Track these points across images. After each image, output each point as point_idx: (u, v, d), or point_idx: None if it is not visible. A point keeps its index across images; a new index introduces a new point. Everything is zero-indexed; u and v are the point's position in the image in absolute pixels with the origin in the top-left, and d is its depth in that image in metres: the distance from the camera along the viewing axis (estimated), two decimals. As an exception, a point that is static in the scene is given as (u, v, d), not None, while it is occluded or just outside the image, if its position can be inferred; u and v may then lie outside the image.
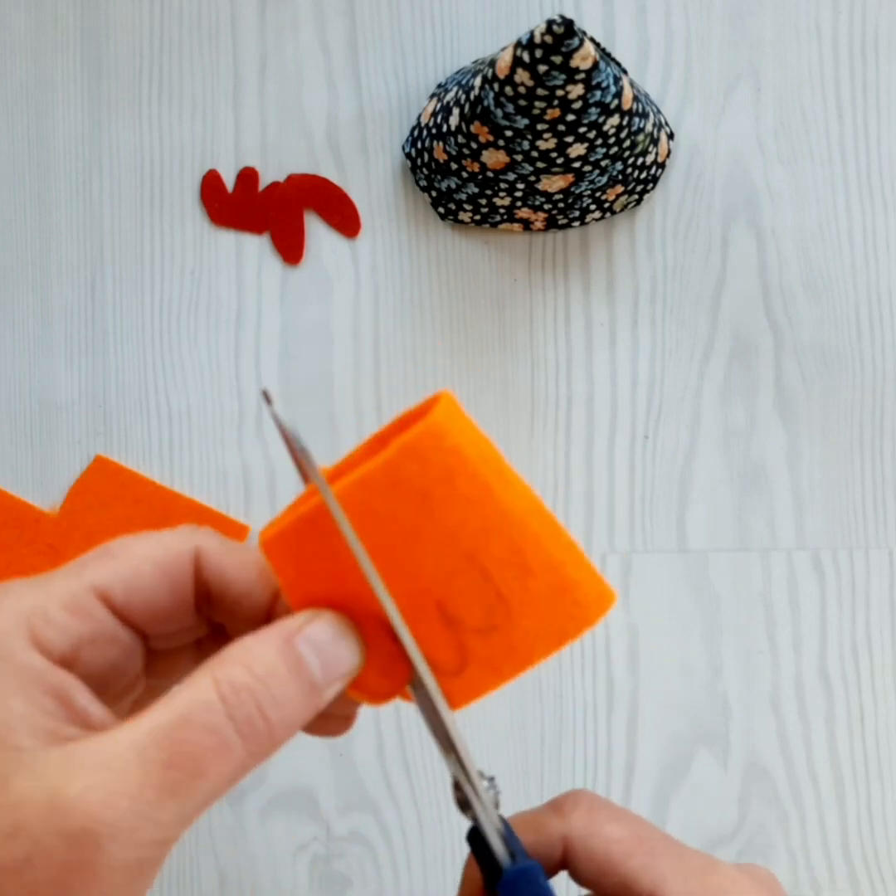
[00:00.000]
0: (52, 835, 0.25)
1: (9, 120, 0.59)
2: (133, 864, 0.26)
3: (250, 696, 0.27)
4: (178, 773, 0.26)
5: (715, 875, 0.32)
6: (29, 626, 0.28)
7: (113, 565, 0.29)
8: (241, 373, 0.59)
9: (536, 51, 0.48)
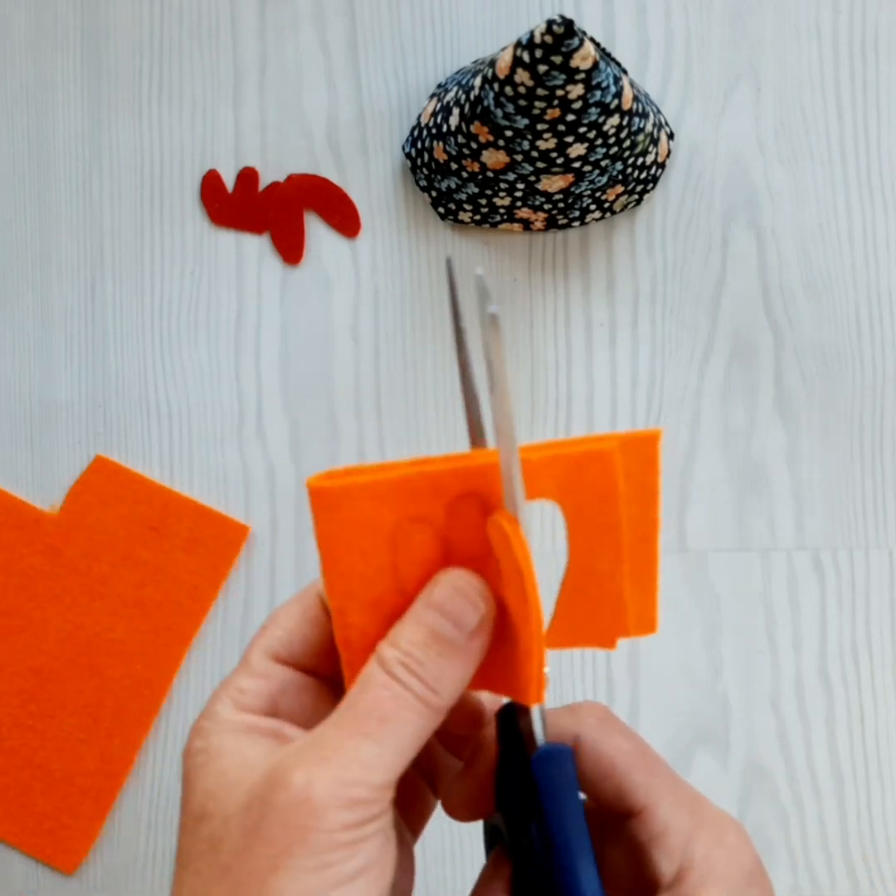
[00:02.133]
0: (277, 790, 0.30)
1: (9, 120, 0.59)
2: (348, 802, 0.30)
3: (402, 665, 0.31)
4: (367, 720, 0.31)
5: (703, 808, 0.34)
6: (231, 701, 0.33)
7: (269, 632, 0.35)
8: (241, 373, 0.59)
9: (536, 51, 0.48)
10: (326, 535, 0.32)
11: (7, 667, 0.58)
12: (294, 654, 0.34)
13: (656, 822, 0.33)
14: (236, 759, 0.32)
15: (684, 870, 0.33)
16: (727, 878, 0.33)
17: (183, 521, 0.58)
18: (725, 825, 0.34)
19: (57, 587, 0.58)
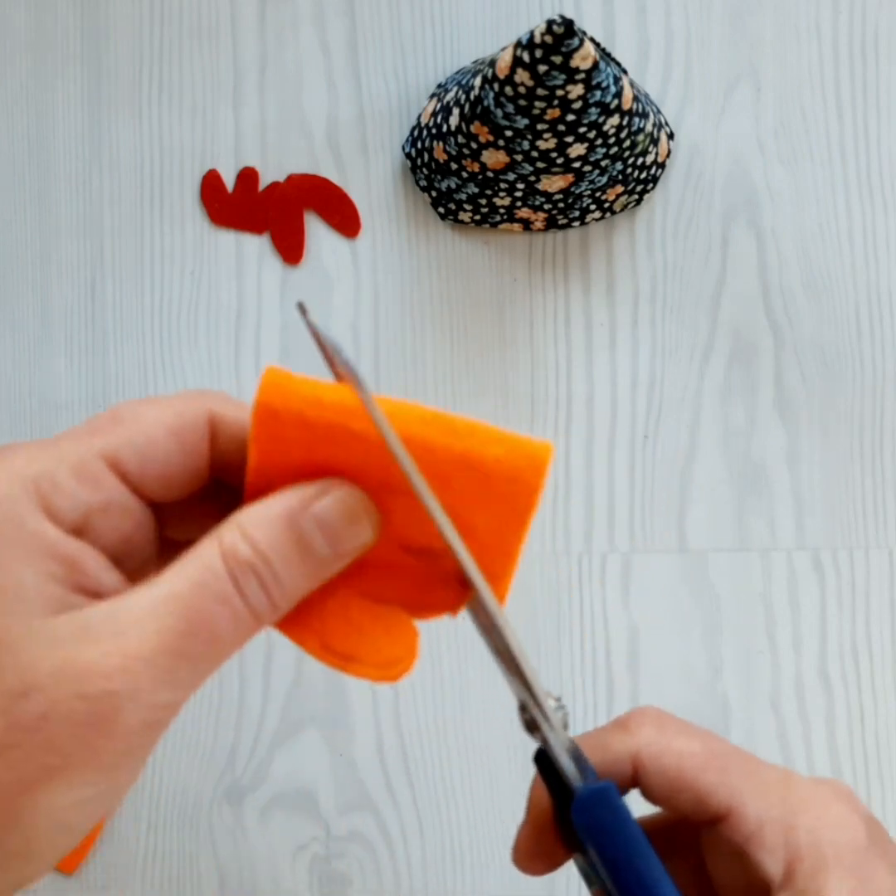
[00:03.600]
0: (70, 696, 0.25)
1: (9, 120, 0.59)
2: (148, 723, 0.26)
3: (254, 574, 0.27)
4: (193, 640, 0.26)
5: (794, 789, 0.31)
6: (38, 492, 0.27)
7: (124, 432, 0.29)
8: (241, 373, 0.59)
9: (536, 51, 0.48)
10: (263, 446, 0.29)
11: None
12: (142, 472, 0.28)
13: (747, 820, 0.30)
14: (14, 598, 0.26)
15: (793, 863, 0.29)
16: (841, 860, 0.29)
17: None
18: (826, 798, 0.31)
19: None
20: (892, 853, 0.30)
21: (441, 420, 0.29)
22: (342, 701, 0.58)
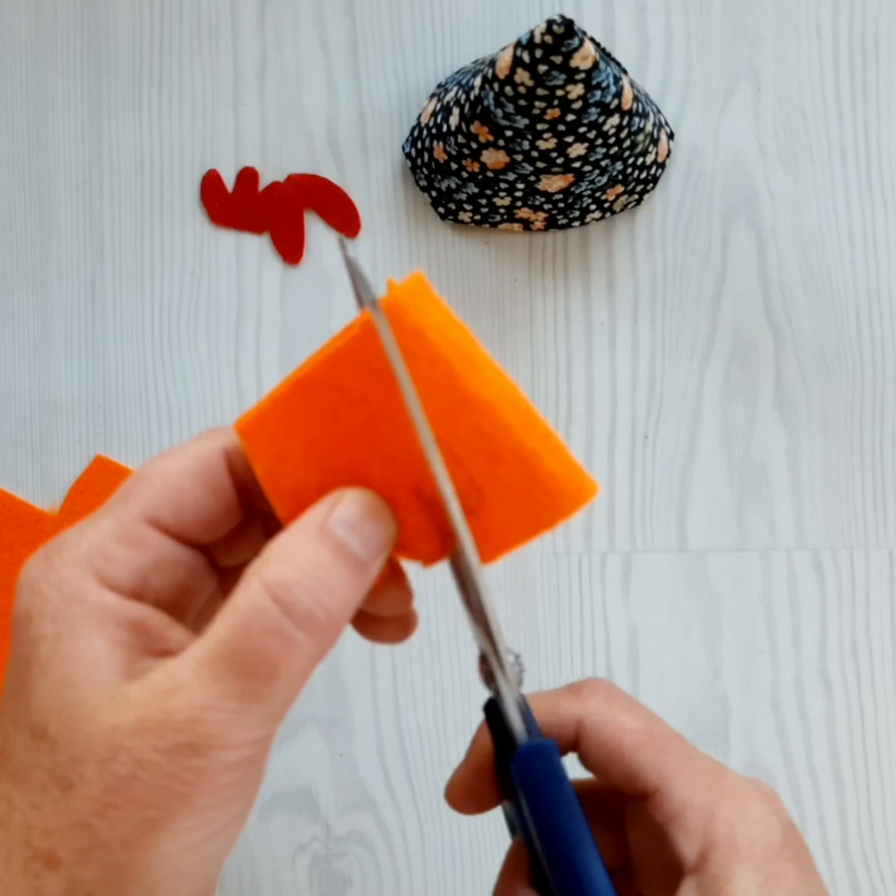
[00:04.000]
0: (151, 751, 0.26)
1: (9, 120, 0.59)
2: (234, 764, 0.27)
3: (303, 590, 0.27)
4: (254, 681, 0.27)
5: (723, 780, 0.32)
6: (92, 568, 0.28)
7: (153, 490, 0.29)
8: (241, 373, 0.59)
9: (536, 51, 0.48)
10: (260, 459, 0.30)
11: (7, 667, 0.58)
12: (180, 522, 0.30)
13: (672, 801, 0.32)
14: (88, 668, 0.27)
15: (707, 850, 0.31)
16: (755, 854, 0.31)
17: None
18: (749, 796, 0.32)
19: (57, 587, 0.58)
20: (802, 859, 0.32)
21: (528, 412, 0.29)
22: (342, 701, 0.58)
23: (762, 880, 0.30)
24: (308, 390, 0.30)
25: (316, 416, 0.30)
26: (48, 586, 0.28)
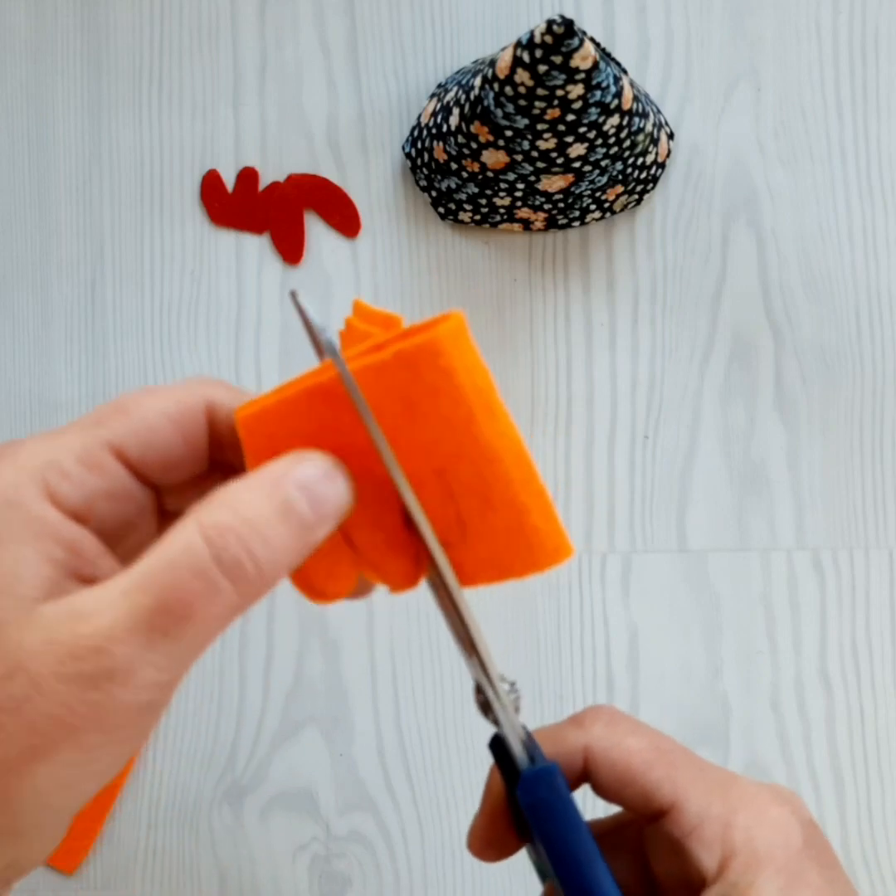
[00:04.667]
0: (50, 676, 0.26)
1: (9, 120, 0.59)
2: (132, 704, 0.26)
3: (237, 538, 0.27)
4: (166, 617, 0.26)
5: (736, 788, 0.32)
6: (43, 479, 0.28)
7: (127, 422, 0.29)
8: (241, 373, 0.59)
9: (536, 51, 0.48)
10: (253, 452, 0.30)
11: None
12: (144, 459, 0.29)
13: (688, 815, 0.32)
14: (10, 578, 0.26)
15: (727, 858, 0.31)
16: (775, 858, 0.31)
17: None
18: (765, 801, 0.32)
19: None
20: (826, 857, 0.32)
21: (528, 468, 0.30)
22: (342, 701, 0.58)
23: (783, 883, 0.30)
24: (313, 400, 0.30)
25: (316, 426, 0.30)
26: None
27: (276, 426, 0.30)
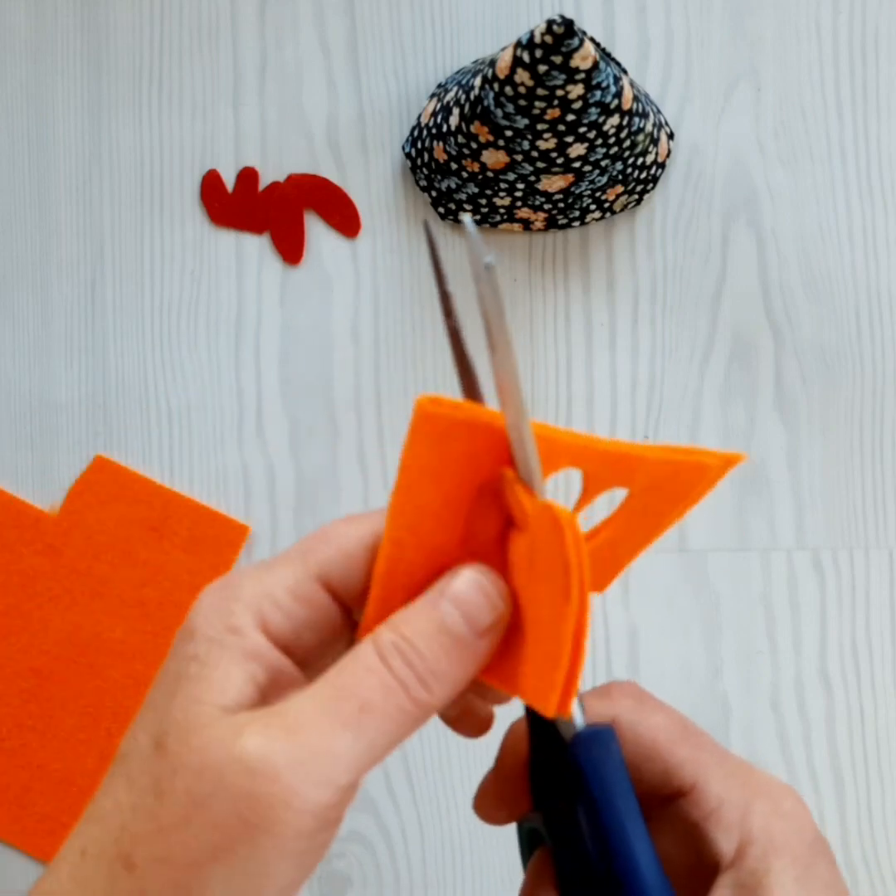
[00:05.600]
0: (237, 770, 0.27)
1: (9, 120, 0.59)
2: (312, 807, 0.27)
3: (399, 653, 0.29)
4: (345, 705, 0.28)
5: (756, 777, 0.33)
6: (259, 610, 0.30)
7: (328, 550, 0.31)
8: (241, 373, 0.59)
9: (536, 51, 0.48)
10: (417, 462, 0.30)
11: (7, 667, 0.58)
12: (346, 586, 0.31)
13: (709, 797, 0.32)
14: (218, 691, 0.29)
15: (744, 844, 0.31)
16: (790, 848, 0.31)
17: (183, 521, 0.58)
18: (781, 793, 0.33)
19: (57, 587, 0.58)
20: (830, 855, 0.32)
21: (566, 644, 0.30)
22: (342, 701, 0.58)
23: (799, 874, 0.31)
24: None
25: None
26: (216, 614, 0.30)
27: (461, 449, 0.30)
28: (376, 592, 0.30)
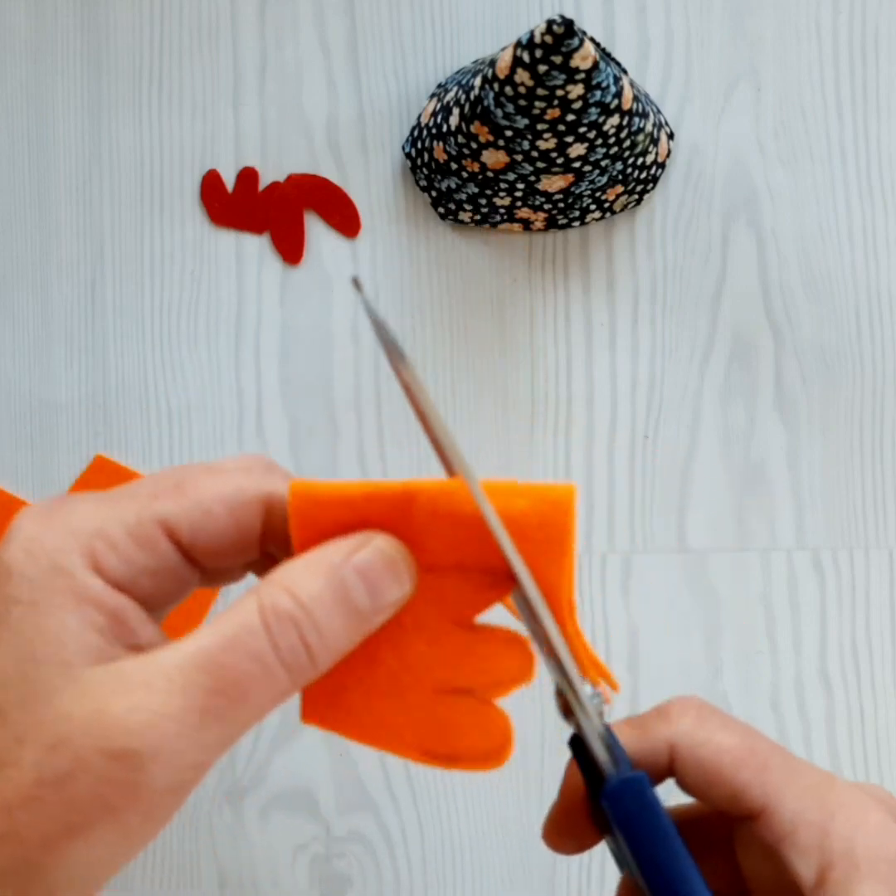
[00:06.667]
0: (95, 751, 0.25)
1: (9, 120, 0.59)
2: (173, 786, 0.26)
3: (294, 625, 0.27)
4: (221, 698, 0.26)
5: (832, 793, 0.31)
6: (90, 548, 0.28)
7: (183, 501, 0.29)
8: (241, 373, 0.59)
9: (536, 51, 0.48)
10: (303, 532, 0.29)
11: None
12: (195, 543, 0.29)
13: (782, 820, 0.30)
14: (55, 645, 0.26)
15: (825, 869, 0.29)
16: (877, 870, 0.29)
17: (183, 521, 0.58)
18: (865, 805, 0.30)
19: (57, 587, 0.58)
20: None
21: (464, 488, 0.29)
22: (342, 701, 0.58)
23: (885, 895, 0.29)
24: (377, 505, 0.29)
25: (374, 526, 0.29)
26: (40, 549, 0.27)
27: (328, 514, 0.29)
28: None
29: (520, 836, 0.58)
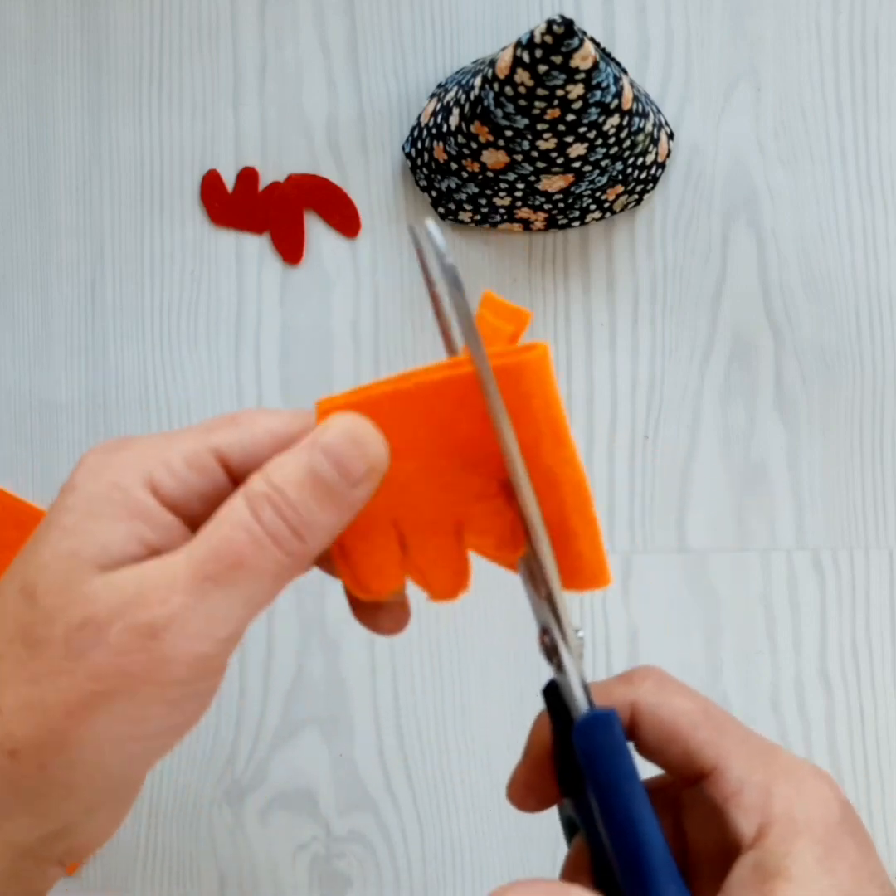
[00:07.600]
0: (116, 627, 0.28)
1: (9, 120, 0.59)
2: (186, 658, 0.28)
3: (270, 504, 0.29)
4: (217, 564, 0.29)
5: (778, 759, 0.33)
6: (149, 472, 0.30)
7: (235, 432, 0.31)
8: (241, 373, 0.59)
9: (536, 51, 0.48)
10: None
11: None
12: (244, 470, 0.31)
13: (730, 779, 0.32)
14: (99, 547, 0.29)
15: (765, 825, 0.31)
16: (813, 828, 0.31)
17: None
18: (804, 773, 0.32)
19: (57, 587, 0.58)
20: (860, 835, 0.32)
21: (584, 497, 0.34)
22: (342, 701, 0.58)
23: (821, 854, 0.30)
24: (398, 402, 0.32)
25: (397, 427, 0.31)
26: (102, 470, 0.30)
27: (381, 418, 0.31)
28: None
29: (520, 836, 0.58)
